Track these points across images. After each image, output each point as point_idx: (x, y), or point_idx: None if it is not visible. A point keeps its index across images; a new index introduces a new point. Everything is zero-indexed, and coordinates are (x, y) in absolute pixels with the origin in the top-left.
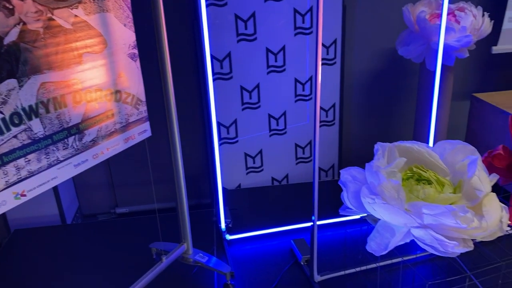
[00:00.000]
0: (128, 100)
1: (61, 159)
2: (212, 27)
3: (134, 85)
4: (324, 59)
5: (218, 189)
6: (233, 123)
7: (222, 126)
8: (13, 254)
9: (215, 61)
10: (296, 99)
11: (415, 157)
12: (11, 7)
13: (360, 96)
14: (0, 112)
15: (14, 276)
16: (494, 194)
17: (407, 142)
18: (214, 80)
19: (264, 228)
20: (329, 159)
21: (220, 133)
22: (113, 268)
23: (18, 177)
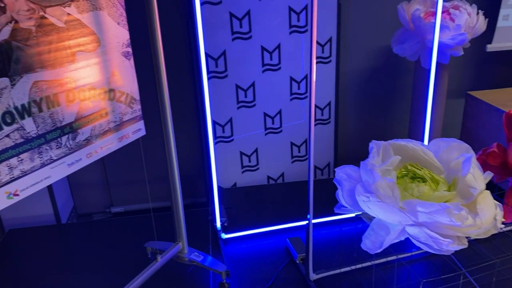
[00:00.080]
0: (122, 98)
1: (54, 158)
2: (207, 26)
3: (128, 83)
4: (319, 57)
5: (213, 188)
6: (228, 121)
7: (218, 124)
8: (7, 254)
9: (210, 59)
10: (292, 97)
11: (410, 155)
12: (2, 5)
13: (355, 94)
14: None
15: (9, 276)
16: (489, 192)
17: (402, 140)
18: (209, 78)
19: (259, 226)
20: (324, 158)
21: (215, 131)
22: (108, 267)
23: (11, 176)
